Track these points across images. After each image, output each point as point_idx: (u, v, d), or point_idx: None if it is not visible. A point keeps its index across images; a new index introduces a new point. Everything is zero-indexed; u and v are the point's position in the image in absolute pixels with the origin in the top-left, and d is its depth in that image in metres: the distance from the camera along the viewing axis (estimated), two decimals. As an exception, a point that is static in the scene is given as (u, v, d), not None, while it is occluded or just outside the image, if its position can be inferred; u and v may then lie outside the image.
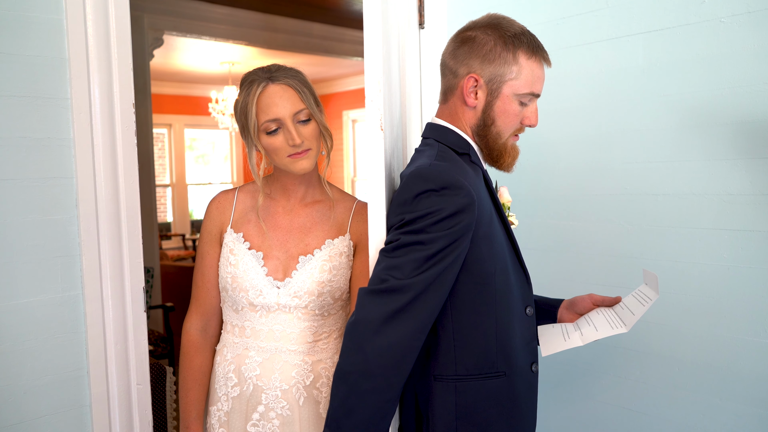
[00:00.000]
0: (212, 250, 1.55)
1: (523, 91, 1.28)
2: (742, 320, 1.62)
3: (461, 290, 1.24)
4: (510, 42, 1.27)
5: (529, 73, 1.28)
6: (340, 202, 1.56)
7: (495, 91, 1.28)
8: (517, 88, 1.28)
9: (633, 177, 1.78)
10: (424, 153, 1.30)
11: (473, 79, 1.28)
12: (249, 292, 1.47)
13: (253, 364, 1.48)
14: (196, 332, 1.57)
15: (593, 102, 1.85)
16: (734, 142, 1.61)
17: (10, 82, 1.62)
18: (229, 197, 1.57)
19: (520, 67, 1.27)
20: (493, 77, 1.27)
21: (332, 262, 1.49)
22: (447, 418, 1.26)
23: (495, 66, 1.27)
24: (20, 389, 1.68)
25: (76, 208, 1.73)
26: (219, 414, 1.52)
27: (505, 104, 1.29)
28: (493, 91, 1.28)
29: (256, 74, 1.45)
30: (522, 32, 1.29)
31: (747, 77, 1.58)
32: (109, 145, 1.76)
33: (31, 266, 1.67)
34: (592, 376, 1.92)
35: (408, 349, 1.15)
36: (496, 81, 1.27)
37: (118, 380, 1.81)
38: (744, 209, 1.60)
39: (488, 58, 1.27)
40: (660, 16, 1.70)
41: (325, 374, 1.50)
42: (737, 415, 1.65)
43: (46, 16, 1.67)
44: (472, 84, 1.29)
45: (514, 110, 1.29)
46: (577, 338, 1.39)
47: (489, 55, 1.27)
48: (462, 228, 1.17)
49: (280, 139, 1.43)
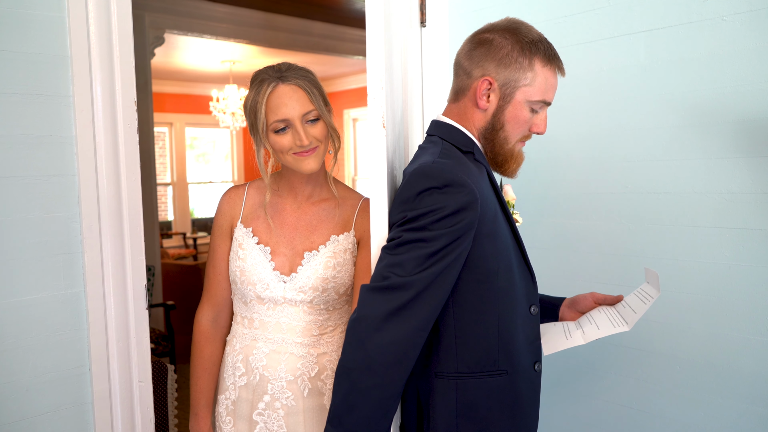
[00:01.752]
0: (223, 243, 1.58)
1: (535, 98, 1.28)
2: (744, 319, 1.62)
3: (463, 288, 1.24)
4: (527, 48, 1.26)
5: (543, 81, 1.28)
6: (346, 199, 1.58)
7: (508, 96, 1.28)
8: (530, 95, 1.28)
9: (634, 175, 1.79)
10: (428, 150, 1.30)
11: (487, 82, 1.28)
12: (256, 286, 1.50)
13: (260, 354, 1.51)
14: (207, 323, 1.61)
15: (594, 100, 1.85)
16: (736, 141, 1.61)
17: (12, 79, 1.63)
18: (239, 192, 1.60)
19: (535, 74, 1.27)
20: (508, 82, 1.27)
21: (336, 258, 1.50)
22: (448, 415, 1.26)
23: (510, 71, 1.27)
24: (22, 386, 1.68)
25: (78, 206, 1.74)
26: (227, 402, 1.56)
27: (517, 110, 1.29)
28: (506, 96, 1.28)
29: (266, 73, 1.46)
30: (540, 39, 1.29)
31: (749, 75, 1.58)
32: (111, 143, 1.76)
33: (33, 263, 1.68)
34: (594, 374, 1.92)
35: (410, 345, 1.15)
36: (510, 86, 1.27)
37: (120, 377, 1.81)
38: (745, 207, 1.60)
39: (504, 63, 1.27)
40: (661, 15, 1.70)
41: (330, 367, 1.52)
42: (738, 414, 1.65)
43: (48, 14, 1.67)
44: (486, 87, 1.28)
45: (524, 116, 1.29)
46: (578, 337, 1.39)
47: (505, 60, 1.27)
48: (464, 226, 1.17)
49: (288, 139, 1.44)
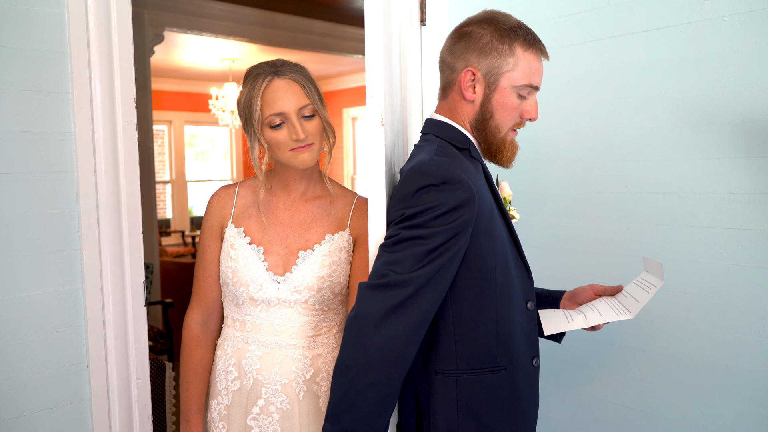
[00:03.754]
0: (213, 244, 1.55)
1: (520, 83, 1.28)
2: (742, 319, 1.63)
3: (462, 285, 1.24)
4: (506, 35, 1.27)
5: (527, 65, 1.28)
6: (340, 197, 1.56)
7: (493, 83, 1.28)
8: (514, 80, 1.28)
9: (633, 175, 1.79)
10: (424, 148, 1.30)
11: (470, 73, 1.29)
12: (249, 287, 1.47)
13: (254, 358, 1.48)
14: (196, 326, 1.58)
15: (594, 100, 1.85)
16: (735, 141, 1.61)
17: (11, 76, 1.63)
18: (230, 192, 1.57)
19: (517, 59, 1.27)
20: (490, 70, 1.28)
21: (332, 257, 1.49)
22: (448, 412, 1.26)
23: (492, 58, 1.27)
24: (20, 383, 1.68)
25: (76, 203, 1.74)
26: (219, 408, 1.53)
27: (504, 97, 1.29)
28: (491, 84, 1.28)
29: (261, 68, 1.45)
30: (518, 25, 1.29)
31: (748, 76, 1.58)
32: (110, 140, 1.76)
33: (31, 260, 1.68)
34: (591, 373, 1.92)
35: (408, 343, 1.15)
36: (494, 73, 1.28)
37: (118, 374, 1.81)
38: (744, 208, 1.61)
39: (485, 51, 1.27)
40: (662, 15, 1.70)
41: (325, 369, 1.50)
42: (736, 414, 1.65)
43: (47, 11, 1.67)
44: (470, 77, 1.29)
45: (512, 103, 1.30)
46: (580, 320, 1.38)
47: (485, 48, 1.27)
48: (462, 223, 1.17)
49: (284, 134, 1.43)
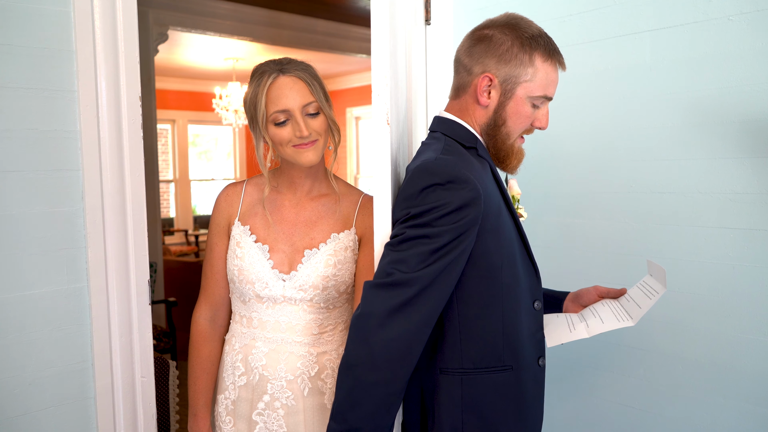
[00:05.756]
0: (221, 241, 1.56)
1: (536, 94, 1.28)
2: (747, 319, 1.62)
3: (468, 283, 1.24)
4: (527, 43, 1.26)
5: (544, 76, 1.28)
6: (346, 195, 1.57)
7: (509, 92, 1.28)
8: (531, 90, 1.28)
9: (638, 175, 1.78)
10: (431, 146, 1.30)
11: (488, 79, 1.28)
12: (255, 285, 1.48)
13: (260, 354, 1.50)
14: (204, 322, 1.59)
15: (599, 99, 1.85)
16: (740, 141, 1.61)
17: (17, 73, 1.63)
18: (237, 190, 1.58)
19: (536, 70, 1.27)
20: (508, 78, 1.27)
21: (337, 256, 1.49)
22: (453, 411, 1.26)
23: (511, 67, 1.26)
24: (25, 381, 1.68)
25: (82, 201, 1.74)
26: (226, 402, 1.54)
27: (518, 106, 1.29)
28: (507, 92, 1.28)
29: (267, 66, 1.46)
30: (540, 34, 1.29)
31: (754, 75, 1.57)
32: (116, 138, 1.76)
33: (37, 258, 1.68)
34: (596, 373, 1.92)
35: (413, 342, 1.15)
36: (511, 82, 1.27)
37: (123, 372, 1.82)
38: (749, 208, 1.60)
39: (504, 59, 1.27)
40: (667, 14, 1.70)
41: (330, 366, 1.51)
42: (740, 414, 1.65)
43: (53, 9, 1.67)
44: (486, 83, 1.28)
45: (526, 112, 1.29)
46: (582, 330, 1.38)
47: (505, 56, 1.26)
48: (468, 222, 1.17)
49: (288, 131, 1.44)
